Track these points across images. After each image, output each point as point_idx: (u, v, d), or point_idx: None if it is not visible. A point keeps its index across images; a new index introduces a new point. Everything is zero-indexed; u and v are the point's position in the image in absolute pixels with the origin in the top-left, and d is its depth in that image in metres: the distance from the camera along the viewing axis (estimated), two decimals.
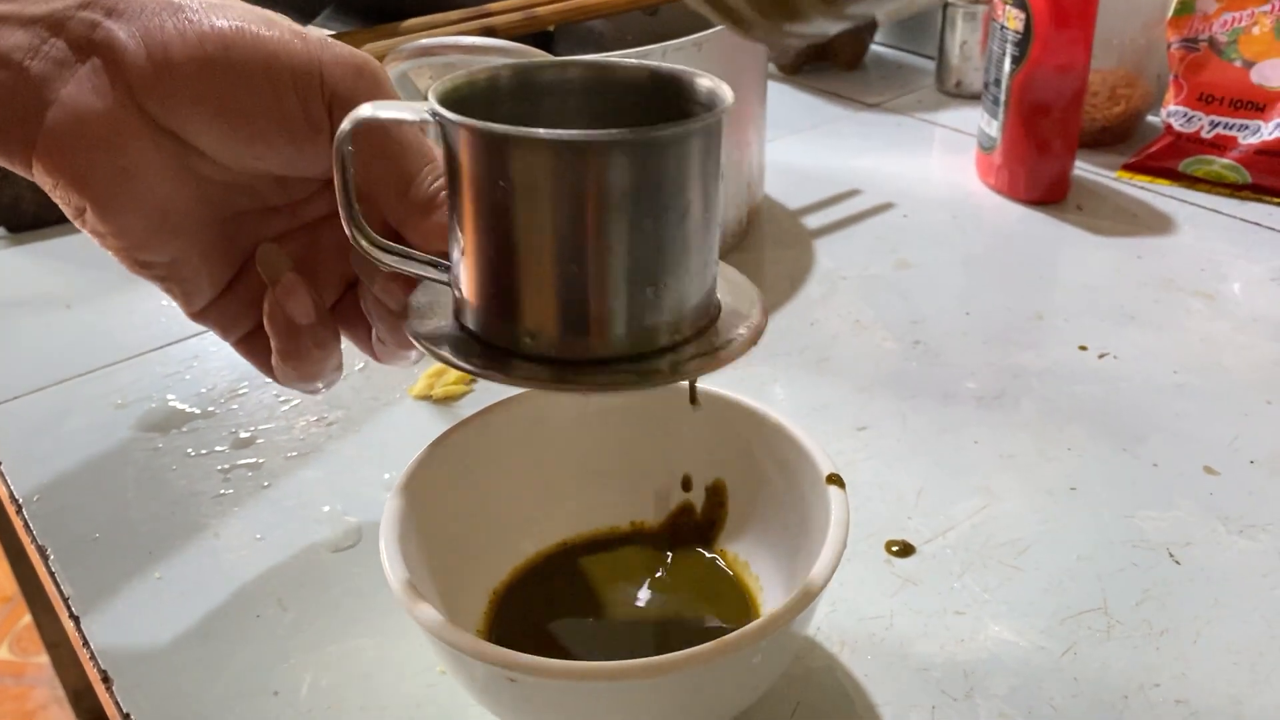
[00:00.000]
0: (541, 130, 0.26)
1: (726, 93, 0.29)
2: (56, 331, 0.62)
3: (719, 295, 0.32)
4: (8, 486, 0.49)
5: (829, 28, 0.21)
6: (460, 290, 0.30)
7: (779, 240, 0.69)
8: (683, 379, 0.30)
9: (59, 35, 0.30)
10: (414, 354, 0.37)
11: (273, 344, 0.35)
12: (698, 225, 0.29)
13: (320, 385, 0.37)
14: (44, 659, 1.44)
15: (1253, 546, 0.43)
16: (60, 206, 0.33)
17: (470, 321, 0.30)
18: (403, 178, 0.33)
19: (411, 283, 0.33)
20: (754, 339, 0.31)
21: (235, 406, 0.54)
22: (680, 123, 0.27)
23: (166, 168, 0.32)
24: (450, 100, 0.28)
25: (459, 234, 0.29)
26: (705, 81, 0.29)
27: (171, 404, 0.54)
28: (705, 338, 0.31)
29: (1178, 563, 0.42)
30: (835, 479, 0.35)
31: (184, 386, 0.55)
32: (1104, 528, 0.44)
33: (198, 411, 0.53)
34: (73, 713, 1.38)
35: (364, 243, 0.31)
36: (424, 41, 0.48)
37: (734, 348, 0.30)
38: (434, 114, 0.28)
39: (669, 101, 0.30)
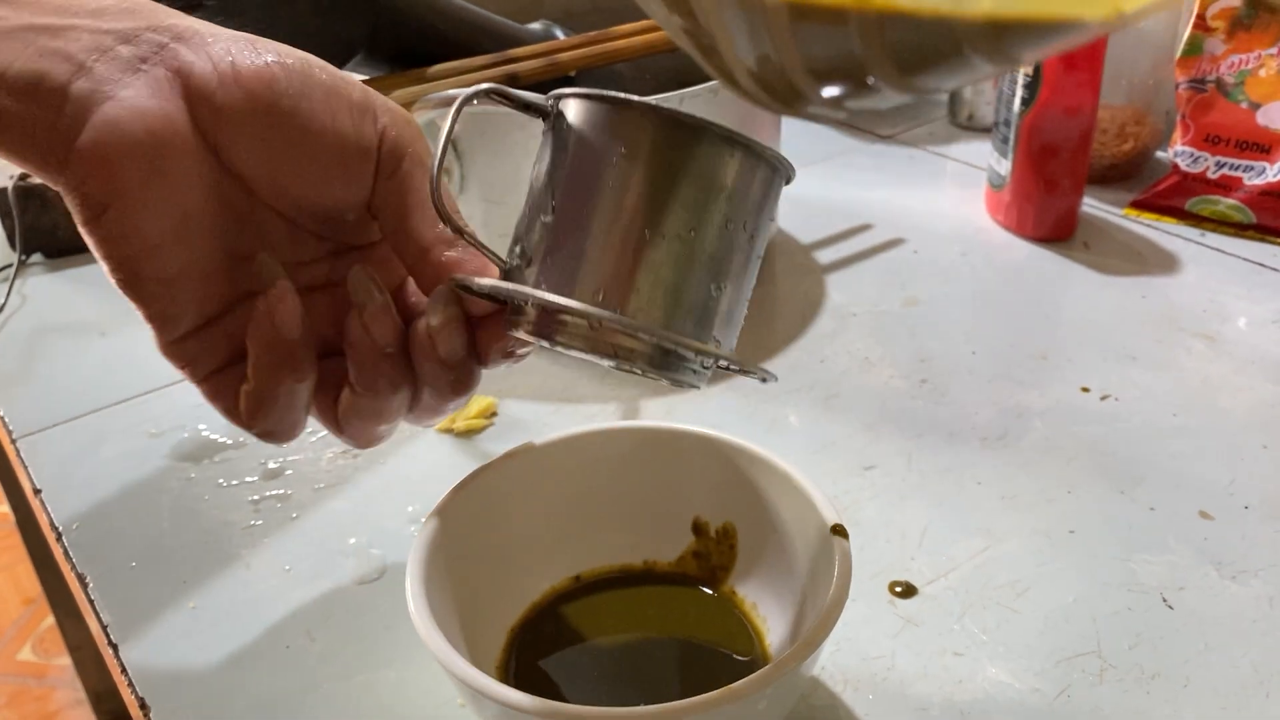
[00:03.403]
0: (687, 115, 0.31)
1: (788, 164, 0.33)
2: (91, 359, 0.64)
3: None
4: (48, 514, 0.51)
5: (835, 113, 0.22)
6: (520, 259, 0.33)
7: (791, 275, 0.70)
8: (711, 356, 0.33)
9: (128, 45, 0.32)
10: (382, 429, 0.36)
11: (250, 359, 0.34)
12: (752, 258, 0.33)
13: (278, 432, 0.36)
14: (66, 661, 1.47)
15: (1244, 592, 0.44)
16: (75, 210, 0.32)
17: (531, 277, 0.32)
18: (421, 218, 0.35)
19: (397, 329, 0.35)
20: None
21: None
22: (774, 152, 0.32)
23: (199, 180, 0.33)
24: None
25: (540, 212, 0.32)
26: (768, 151, 0.33)
27: (204, 434, 0.56)
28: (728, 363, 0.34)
29: (1171, 607, 0.44)
30: (839, 530, 0.37)
31: (215, 416, 0.57)
32: (1100, 571, 0.46)
33: (229, 442, 0.56)
34: (94, 715, 1.40)
35: (444, 203, 0.33)
36: (451, 92, 0.50)
37: (754, 370, 0.34)
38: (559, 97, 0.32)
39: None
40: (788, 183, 0.33)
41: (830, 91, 0.19)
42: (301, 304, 0.34)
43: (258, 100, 0.32)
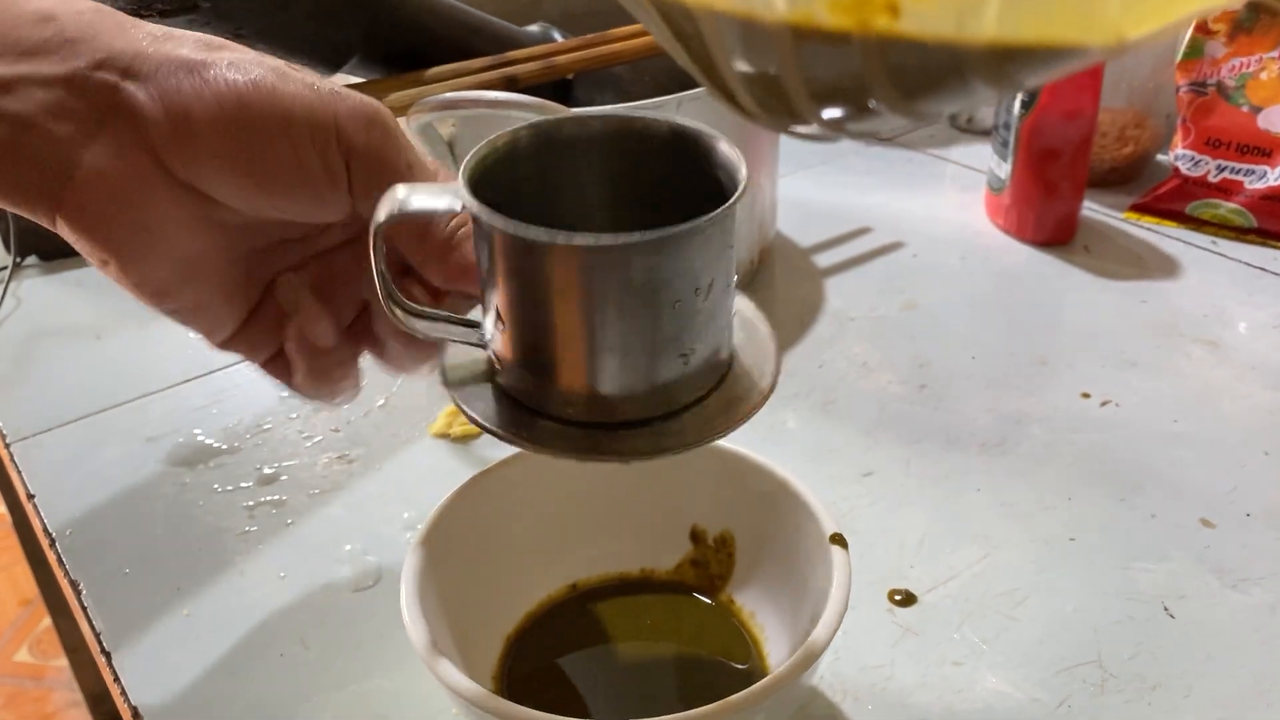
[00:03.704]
0: (564, 235, 0.27)
1: (742, 171, 0.30)
2: (86, 363, 0.64)
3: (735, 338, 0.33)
4: (41, 520, 0.51)
5: (835, 134, 0.22)
6: (494, 354, 0.32)
7: (790, 279, 0.70)
8: (707, 442, 0.32)
9: (79, 97, 0.31)
10: (427, 366, 0.38)
11: (295, 367, 0.37)
12: (719, 294, 0.30)
13: (339, 400, 0.39)
14: (63, 662, 1.46)
15: (1245, 600, 0.44)
16: (84, 255, 0.34)
17: (504, 381, 0.32)
18: (420, 222, 0.34)
19: (333, 328, 0.36)
20: (769, 392, 0.32)
21: (259, 442, 0.55)
22: (696, 221, 0.28)
23: (188, 221, 0.33)
24: (477, 173, 0.30)
25: (493, 303, 0.31)
26: (725, 150, 0.30)
27: (199, 439, 0.56)
28: (725, 387, 0.32)
29: (1172, 616, 0.44)
30: (839, 539, 0.36)
31: (210, 421, 0.57)
32: (1100, 579, 0.45)
33: (224, 447, 0.55)
34: (91, 717, 1.40)
35: (399, 313, 0.32)
36: (448, 95, 0.50)
37: (754, 400, 0.32)
38: (464, 206, 0.29)
39: (689, 159, 0.31)
40: (738, 198, 0.29)
41: (831, 113, 0.19)
42: (329, 314, 0.36)
43: (214, 144, 0.32)
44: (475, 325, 0.33)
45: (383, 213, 0.30)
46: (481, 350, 0.33)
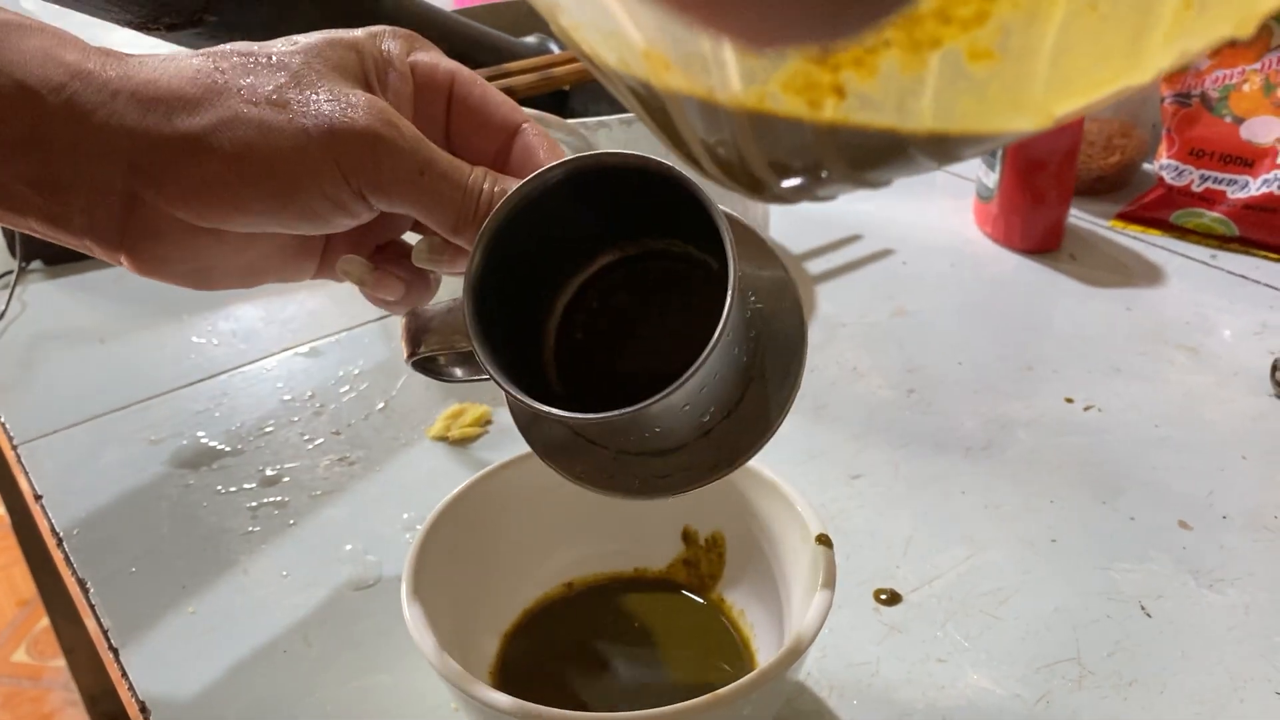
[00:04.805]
0: (558, 414, 0.29)
1: (732, 269, 0.29)
2: (91, 366, 0.65)
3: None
4: (49, 519, 0.52)
5: (842, 191, 0.23)
6: None
7: None
8: (720, 477, 0.33)
9: (105, 199, 0.32)
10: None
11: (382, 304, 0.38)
12: (740, 366, 0.32)
13: (427, 297, 0.40)
14: (61, 662, 1.47)
15: (1220, 600, 0.45)
16: None
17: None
18: (444, 224, 0.34)
19: (401, 285, 0.37)
20: (788, 406, 0.33)
21: (262, 444, 0.57)
22: (693, 368, 0.28)
23: (240, 249, 0.35)
24: (482, 265, 0.31)
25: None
26: (725, 237, 0.29)
27: (202, 440, 0.57)
28: (741, 409, 0.33)
29: (1149, 615, 0.45)
30: (824, 539, 0.38)
31: (213, 424, 0.59)
32: (1081, 579, 0.47)
33: (227, 449, 0.56)
34: (89, 717, 1.40)
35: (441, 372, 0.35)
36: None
37: (758, 445, 0.33)
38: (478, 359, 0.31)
39: (685, 206, 0.31)
40: (726, 325, 0.29)
41: (790, 182, 0.21)
42: (396, 273, 0.37)
43: (234, 216, 0.33)
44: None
45: (409, 350, 0.34)
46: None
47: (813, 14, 0.15)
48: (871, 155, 0.18)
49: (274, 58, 0.34)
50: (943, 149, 0.17)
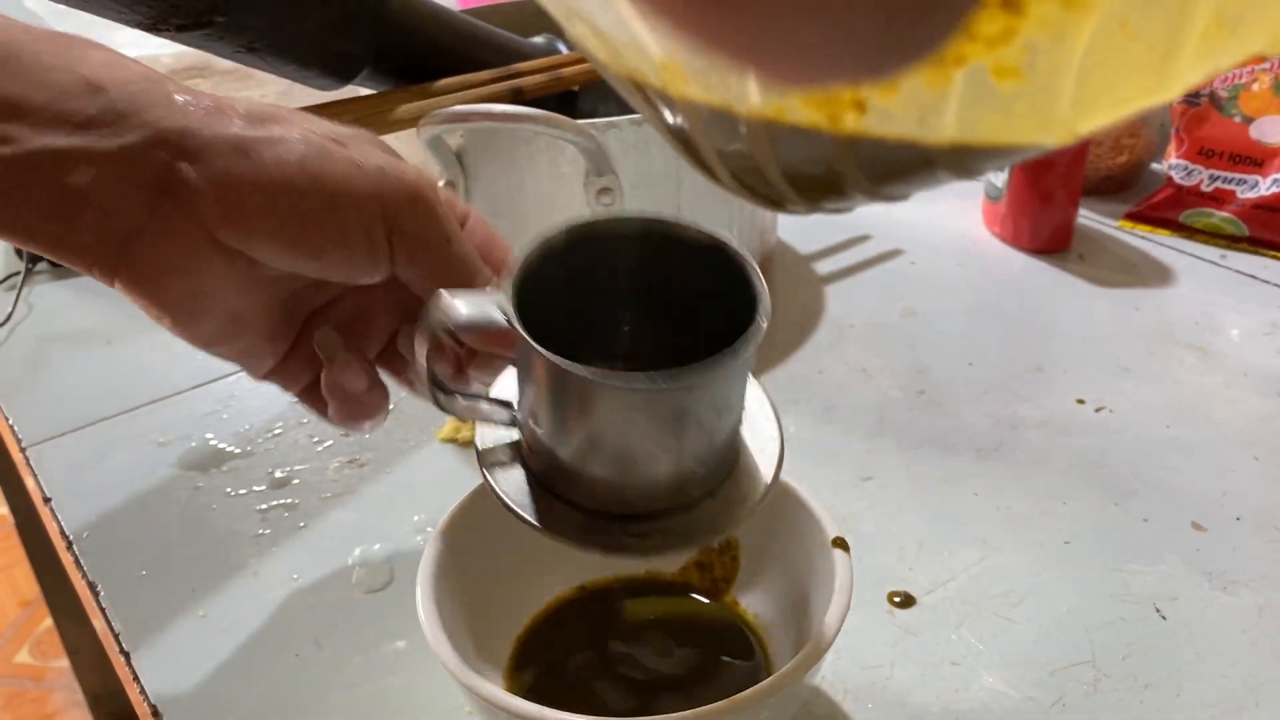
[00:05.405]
0: (599, 374, 0.29)
1: (766, 304, 0.31)
2: (98, 368, 0.65)
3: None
4: (58, 522, 0.52)
5: (859, 204, 0.23)
6: (525, 438, 0.34)
7: (790, 286, 0.71)
8: (719, 538, 0.34)
9: (134, 174, 0.32)
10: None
11: (330, 404, 0.38)
12: (736, 410, 0.33)
13: (367, 429, 0.41)
14: (64, 663, 1.47)
15: (1234, 602, 0.45)
16: (140, 309, 0.35)
17: (533, 464, 0.34)
18: (434, 277, 0.36)
19: (367, 374, 0.38)
20: (774, 480, 0.35)
21: (271, 446, 0.56)
22: (719, 362, 0.30)
23: (238, 282, 0.35)
24: (518, 281, 0.31)
25: (528, 402, 0.33)
26: (755, 278, 0.32)
27: (211, 443, 0.57)
28: (734, 480, 0.35)
29: (1163, 617, 0.45)
30: (840, 542, 0.37)
31: (222, 426, 0.58)
32: (1094, 581, 0.46)
33: (236, 451, 0.56)
34: (92, 717, 1.40)
35: (441, 398, 0.34)
36: (456, 109, 0.51)
37: (760, 495, 0.34)
38: (508, 321, 0.31)
39: (720, 271, 0.33)
40: (758, 335, 0.31)
41: (805, 193, 0.21)
42: (363, 362, 0.38)
43: (265, 224, 0.33)
44: (509, 406, 0.35)
45: (430, 329, 0.32)
46: (513, 430, 0.35)
47: (854, 58, 0.15)
48: (891, 169, 0.18)
49: (329, 122, 0.36)
50: (962, 161, 0.17)
